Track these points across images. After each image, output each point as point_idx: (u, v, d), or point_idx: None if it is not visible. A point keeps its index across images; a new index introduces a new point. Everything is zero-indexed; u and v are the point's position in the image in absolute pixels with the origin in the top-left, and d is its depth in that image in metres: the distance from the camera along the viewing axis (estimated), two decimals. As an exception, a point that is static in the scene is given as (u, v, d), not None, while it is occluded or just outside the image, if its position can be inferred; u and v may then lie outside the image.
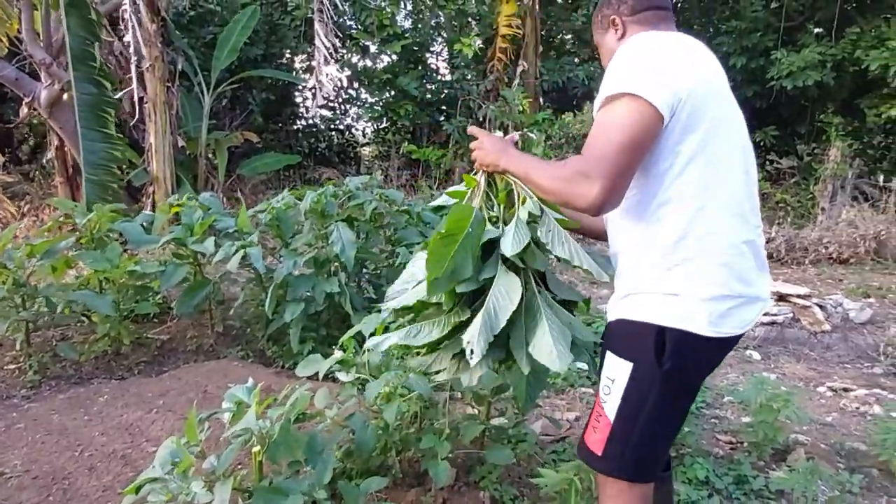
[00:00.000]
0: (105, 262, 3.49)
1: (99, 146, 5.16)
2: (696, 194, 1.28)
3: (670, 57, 1.30)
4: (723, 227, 1.29)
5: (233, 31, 6.73)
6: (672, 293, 1.29)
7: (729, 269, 1.28)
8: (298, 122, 10.42)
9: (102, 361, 3.60)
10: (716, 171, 1.30)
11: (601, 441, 1.37)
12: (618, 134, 1.21)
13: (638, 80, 1.23)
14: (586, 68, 8.95)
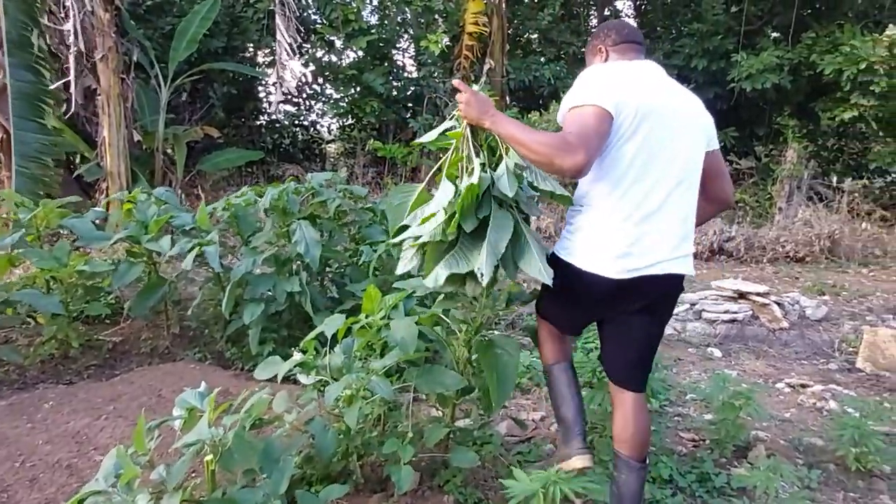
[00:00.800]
0: (52, 260, 3.32)
1: (32, 137, 4.90)
2: (611, 192, 1.77)
3: (620, 80, 1.76)
4: (615, 225, 1.78)
5: (192, 21, 6.51)
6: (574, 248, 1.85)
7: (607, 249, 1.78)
8: (261, 118, 10.18)
9: (49, 365, 3.42)
10: (632, 172, 1.76)
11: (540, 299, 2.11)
12: (592, 125, 1.66)
13: (597, 94, 1.69)
14: (552, 68, 8.98)
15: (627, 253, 1.76)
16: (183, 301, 3.99)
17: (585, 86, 1.74)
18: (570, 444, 1.98)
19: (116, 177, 5.98)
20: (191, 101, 8.95)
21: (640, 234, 1.77)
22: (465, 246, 1.80)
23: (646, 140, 1.74)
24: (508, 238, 1.73)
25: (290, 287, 3.28)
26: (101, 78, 5.75)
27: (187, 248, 3.28)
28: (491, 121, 1.70)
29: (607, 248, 1.77)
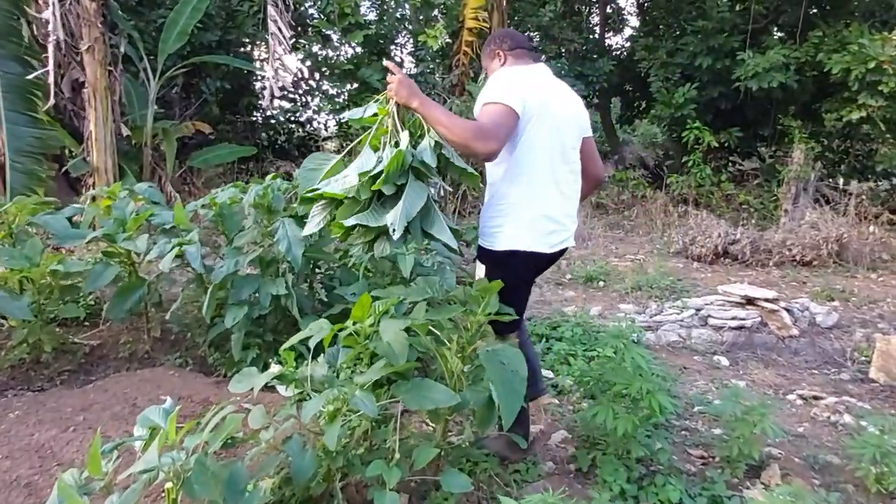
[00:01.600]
0: (23, 259, 3.13)
1: (25, 131, 4.71)
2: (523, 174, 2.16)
3: (523, 83, 2.08)
4: (530, 201, 2.17)
5: (181, 12, 6.30)
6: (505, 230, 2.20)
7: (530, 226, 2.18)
8: (257, 114, 9.99)
9: (19, 371, 3.24)
10: (536, 161, 2.14)
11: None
12: (502, 119, 1.97)
13: (506, 94, 2.00)
14: (553, 65, 8.77)
15: (552, 231, 2.20)
16: (164, 303, 3.80)
17: (497, 86, 2.05)
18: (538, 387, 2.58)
19: (103, 172, 5.78)
20: (185, 96, 8.75)
21: (556, 215, 2.20)
22: (376, 209, 1.96)
23: (549, 132, 2.12)
24: (421, 205, 1.90)
25: (275, 290, 3.09)
26: (87, 70, 5.55)
27: (166, 248, 3.09)
28: (419, 101, 1.92)
29: (538, 229, 2.17)
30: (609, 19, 11.29)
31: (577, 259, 6.41)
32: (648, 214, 8.42)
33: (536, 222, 2.16)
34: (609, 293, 5.33)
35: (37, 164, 4.78)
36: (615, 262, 6.36)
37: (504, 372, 1.92)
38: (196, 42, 7.76)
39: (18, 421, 2.67)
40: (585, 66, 9.54)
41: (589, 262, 6.34)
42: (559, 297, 5.13)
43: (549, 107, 2.11)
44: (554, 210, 2.19)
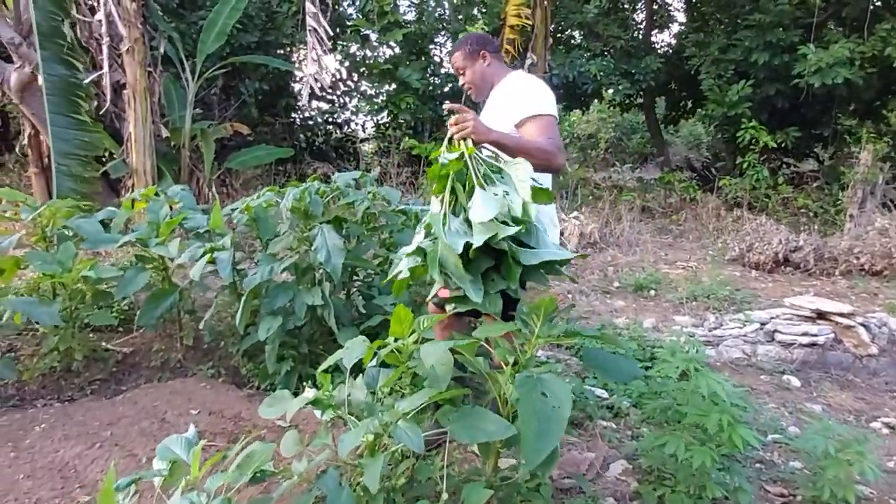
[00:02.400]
0: (55, 264, 3.03)
1: (70, 133, 4.66)
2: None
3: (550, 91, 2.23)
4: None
5: (220, 13, 6.23)
6: None
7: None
8: (294, 115, 9.93)
9: (50, 379, 3.14)
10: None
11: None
12: (557, 131, 2.14)
13: (551, 105, 2.16)
14: (598, 63, 8.46)
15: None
16: (198, 310, 3.67)
17: (541, 95, 2.17)
18: None
19: (142, 174, 5.74)
20: (225, 97, 8.73)
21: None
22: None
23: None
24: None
25: (311, 299, 2.91)
26: (126, 71, 5.52)
27: (198, 253, 2.94)
28: (497, 134, 1.91)
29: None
30: (655, 15, 10.86)
31: (624, 266, 6.09)
32: (699, 219, 8.01)
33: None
34: (661, 303, 5.01)
35: (81, 166, 4.74)
36: (666, 270, 6.01)
37: (543, 406, 1.65)
38: (235, 43, 7.72)
39: (44, 435, 2.54)
40: (631, 64, 9.17)
41: (637, 268, 6.01)
42: (608, 307, 4.84)
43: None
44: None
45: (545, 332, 1.86)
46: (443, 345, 1.78)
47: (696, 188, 8.77)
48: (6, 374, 2.84)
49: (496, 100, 2.32)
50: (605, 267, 6.02)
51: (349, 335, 3.02)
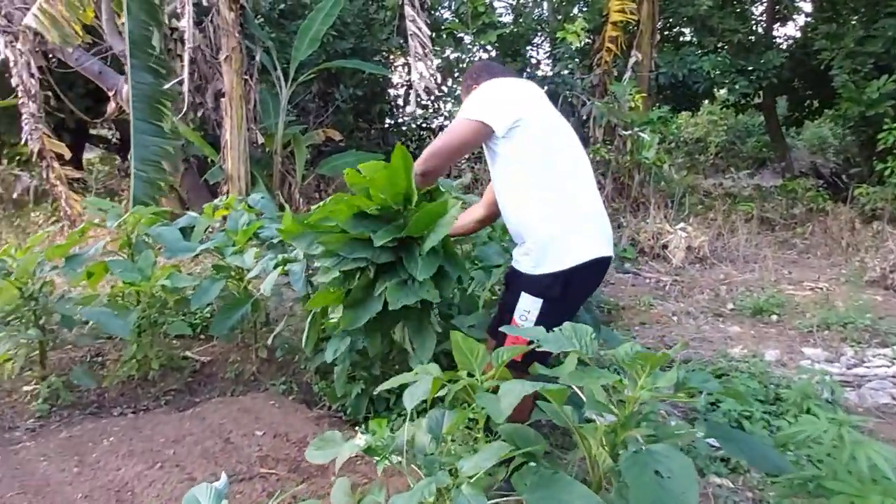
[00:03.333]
0: (136, 272, 3.01)
1: (151, 140, 4.80)
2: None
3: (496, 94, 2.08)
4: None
5: (314, 19, 6.26)
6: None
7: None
8: (389, 121, 9.92)
9: (128, 387, 3.13)
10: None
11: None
12: (452, 138, 2.07)
13: (476, 111, 2.01)
14: (713, 60, 7.72)
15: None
16: (275, 321, 3.57)
17: (475, 99, 2.07)
18: None
19: (236, 180, 5.85)
20: (322, 104, 8.87)
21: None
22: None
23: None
24: None
25: (383, 318, 2.67)
26: (224, 79, 5.63)
27: (270, 265, 2.80)
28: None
29: (589, 233, 2.00)
30: (778, 6, 9.85)
31: (740, 284, 5.42)
32: (829, 233, 7.06)
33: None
34: (786, 331, 4.35)
35: (159, 173, 4.86)
36: (790, 291, 5.27)
37: (660, 492, 1.27)
38: (331, 49, 7.78)
39: (110, 450, 2.48)
40: (750, 60, 8.31)
41: (755, 288, 5.32)
42: (721, 334, 4.26)
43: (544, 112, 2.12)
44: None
45: (651, 385, 1.49)
46: (526, 384, 1.46)
47: (825, 197, 7.77)
48: (86, 382, 2.85)
49: None
50: (716, 285, 5.38)
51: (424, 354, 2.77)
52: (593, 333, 1.61)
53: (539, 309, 1.97)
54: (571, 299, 2.03)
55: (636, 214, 7.18)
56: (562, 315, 1.92)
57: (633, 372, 1.50)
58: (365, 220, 2.17)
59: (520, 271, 2.02)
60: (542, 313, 1.96)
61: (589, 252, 1.95)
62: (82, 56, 5.76)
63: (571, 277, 1.93)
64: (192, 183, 6.63)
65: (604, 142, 7.14)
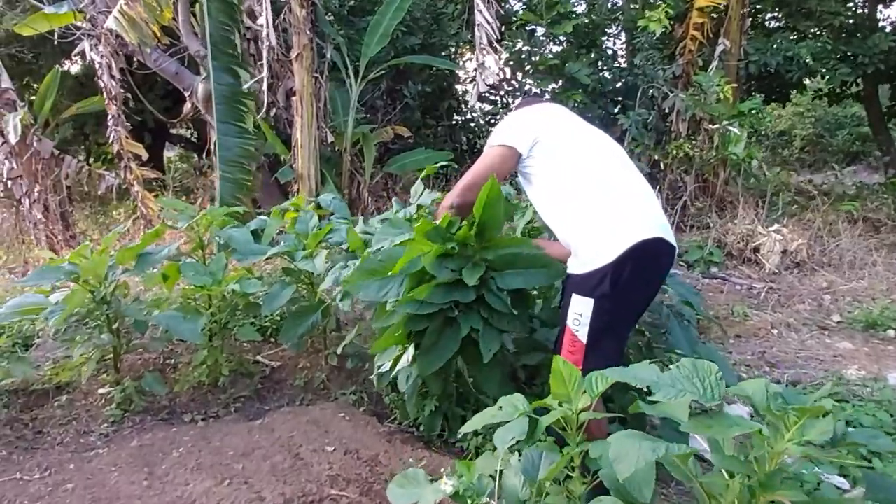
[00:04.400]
0: (207, 276, 2.94)
1: (234, 141, 4.79)
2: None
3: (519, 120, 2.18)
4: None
5: (385, 14, 6.13)
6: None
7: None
8: (457, 117, 9.73)
9: (199, 392, 3.07)
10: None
11: (580, 360, 1.90)
12: (484, 167, 2.17)
13: (502, 136, 2.13)
14: (811, 45, 7.06)
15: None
16: (346, 326, 3.45)
17: (500, 129, 2.22)
18: None
19: (306, 179, 5.81)
20: (390, 101, 8.79)
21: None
22: None
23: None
24: None
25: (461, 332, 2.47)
26: (295, 77, 5.59)
27: (341, 276, 2.66)
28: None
29: (630, 221, 1.92)
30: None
31: (845, 294, 4.89)
32: (947, 235, 6.33)
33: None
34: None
35: (243, 173, 4.85)
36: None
37: None
38: (399, 46, 7.65)
39: (179, 462, 2.40)
40: (853, 45, 7.58)
41: (864, 298, 4.79)
42: (829, 351, 3.82)
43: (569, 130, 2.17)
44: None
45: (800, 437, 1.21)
46: (639, 452, 1.21)
47: (941, 197, 6.99)
48: (156, 389, 2.80)
49: None
50: (818, 294, 4.88)
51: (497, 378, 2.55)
52: (719, 373, 1.34)
53: (591, 309, 1.89)
54: (625, 294, 1.90)
55: (722, 215, 6.67)
56: (618, 313, 1.93)
57: (778, 420, 1.23)
58: (447, 261, 2.11)
59: (570, 274, 1.99)
60: (595, 314, 1.88)
61: (631, 238, 1.85)
62: (160, 57, 5.87)
63: (620, 269, 1.85)
64: (264, 182, 6.66)
65: (687, 136, 6.66)
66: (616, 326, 1.98)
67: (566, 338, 1.96)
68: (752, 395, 1.33)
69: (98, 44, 5.13)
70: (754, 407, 1.32)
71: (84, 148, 10.55)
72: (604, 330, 1.92)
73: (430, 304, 2.09)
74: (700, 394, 1.30)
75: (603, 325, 1.90)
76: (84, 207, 8.56)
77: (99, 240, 5.38)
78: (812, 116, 17.15)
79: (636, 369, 1.41)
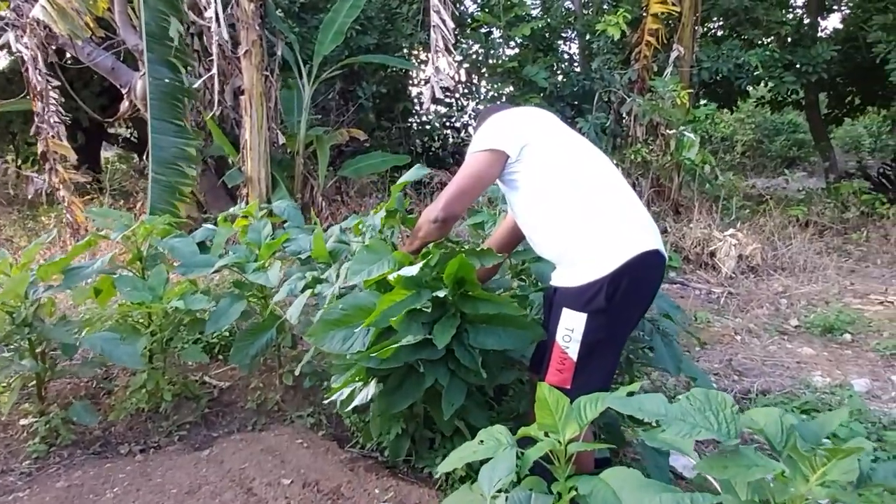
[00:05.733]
0: (146, 292, 2.66)
1: (170, 140, 4.43)
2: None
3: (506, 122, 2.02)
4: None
5: (339, 11, 5.88)
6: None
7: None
8: (411, 120, 9.54)
9: (137, 420, 2.78)
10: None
11: (568, 378, 1.80)
12: (471, 173, 1.98)
13: (489, 140, 1.95)
14: (760, 54, 7.22)
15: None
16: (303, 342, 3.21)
17: (486, 131, 2.01)
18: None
19: (256, 183, 5.51)
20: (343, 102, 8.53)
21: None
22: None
23: None
24: None
25: (429, 350, 2.29)
26: (244, 75, 5.29)
27: (298, 286, 2.44)
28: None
29: (627, 231, 1.83)
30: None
31: (800, 297, 4.97)
32: (889, 239, 6.57)
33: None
34: (864, 353, 3.90)
35: (179, 176, 4.49)
36: (857, 305, 4.82)
37: None
38: (354, 45, 7.42)
39: (116, 502, 2.13)
40: (798, 54, 7.81)
41: (819, 302, 4.88)
42: (792, 356, 3.83)
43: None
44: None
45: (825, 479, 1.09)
46: (640, 478, 1.07)
47: (882, 201, 7.26)
48: (86, 420, 2.50)
49: None
50: (775, 299, 4.94)
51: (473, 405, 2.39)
52: (734, 406, 1.21)
53: (584, 325, 1.77)
54: (621, 309, 1.79)
55: (678, 219, 6.73)
56: (612, 329, 1.81)
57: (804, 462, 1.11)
58: (418, 316, 1.99)
59: (558, 287, 1.87)
60: (588, 330, 1.76)
61: (629, 249, 1.76)
62: (95, 51, 5.45)
63: (615, 282, 1.74)
64: (210, 185, 6.30)
65: (644, 141, 6.70)
66: (609, 343, 1.87)
67: (554, 355, 1.84)
68: (764, 429, 1.21)
69: (23, 35, 4.70)
70: (769, 442, 1.20)
71: (13, 148, 9.84)
72: (596, 347, 1.80)
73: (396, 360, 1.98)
74: (715, 429, 1.16)
75: (595, 341, 1.79)
76: (11, 212, 7.93)
77: (26, 248, 4.92)
78: (752, 122, 17.79)
79: (642, 400, 1.27)
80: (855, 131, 16.48)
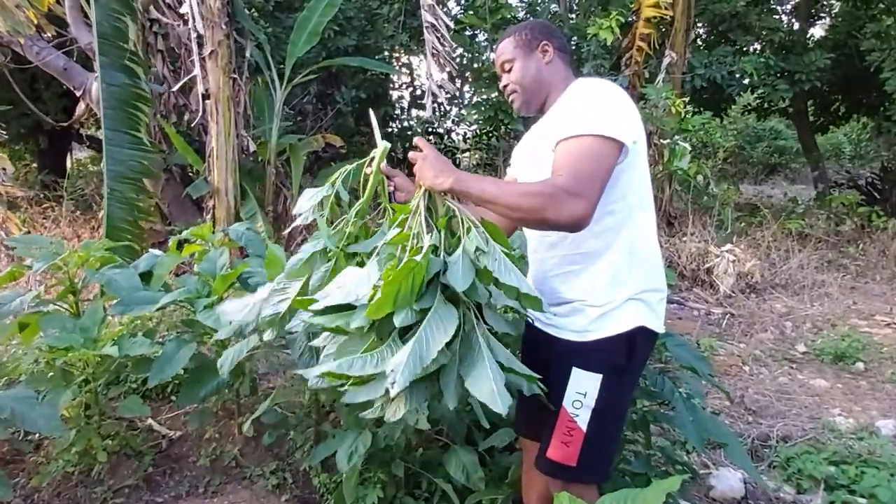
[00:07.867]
0: (77, 333, 2.25)
1: (126, 153, 3.97)
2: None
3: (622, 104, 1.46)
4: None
5: (314, 10, 5.47)
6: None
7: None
8: (392, 125, 9.17)
9: (66, 486, 2.36)
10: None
11: (574, 453, 1.49)
12: (593, 165, 1.35)
13: (608, 126, 1.37)
14: (754, 60, 6.98)
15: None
16: (262, 390, 2.83)
17: (602, 107, 1.43)
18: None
19: (223, 194, 5.07)
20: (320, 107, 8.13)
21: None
22: (391, 345, 1.23)
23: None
24: (447, 340, 1.17)
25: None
26: (209, 78, 4.86)
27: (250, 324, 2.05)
28: (456, 179, 1.35)
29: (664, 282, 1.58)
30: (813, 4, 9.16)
31: (805, 320, 4.69)
32: (887, 253, 6.36)
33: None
34: (879, 384, 3.62)
35: (136, 191, 4.04)
36: (864, 328, 4.55)
37: None
38: (332, 47, 7.04)
39: None
40: (790, 61, 7.61)
41: (824, 324, 4.60)
42: (805, 390, 3.52)
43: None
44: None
45: None
46: None
47: (880, 214, 7.06)
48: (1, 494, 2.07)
49: (549, 119, 1.59)
50: (779, 321, 4.65)
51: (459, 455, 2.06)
52: None
53: (598, 388, 1.47)
54: (637, 367, 1.56)
55: (670, 231, 6.45)
56: (626, 394, 1.58)
57: None
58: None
59: (566, 341, 1.53)
60: (602, 393, 1.47)
61: (663, 307, 1.56)
62: (44, 49, 4.98)
63: (633, 336, 1.48)
64: (175, 195, 5.84)
65: (636, 150, 6.41)
66: (620, 411, 1.58)
67: (559, 424, 1.52)
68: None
69: (-40, 31, 4.23)
70: None
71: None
72: (608, 415, 1.51)
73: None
74: None
75: (608, 408, 1.51)
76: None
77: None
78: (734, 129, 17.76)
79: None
80: (835, 138, 16.51)
